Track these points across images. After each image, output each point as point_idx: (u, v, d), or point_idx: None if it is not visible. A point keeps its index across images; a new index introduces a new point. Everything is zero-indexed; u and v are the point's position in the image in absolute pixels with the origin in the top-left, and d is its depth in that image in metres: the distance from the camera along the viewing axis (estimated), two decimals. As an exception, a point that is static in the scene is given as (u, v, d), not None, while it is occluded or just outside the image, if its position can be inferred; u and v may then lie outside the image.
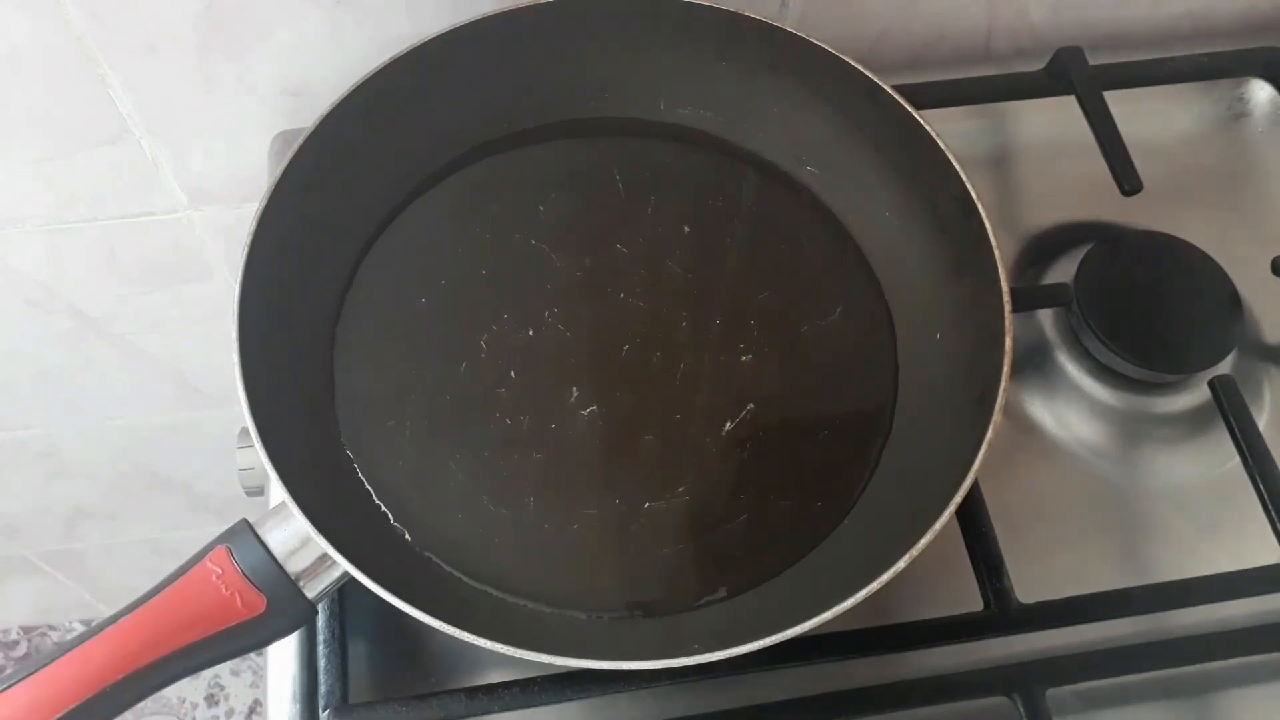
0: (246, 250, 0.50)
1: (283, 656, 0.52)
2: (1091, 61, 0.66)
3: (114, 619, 0.43)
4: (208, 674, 1.47)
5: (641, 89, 0.61)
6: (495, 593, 0.50)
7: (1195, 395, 0.60)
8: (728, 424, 0.54)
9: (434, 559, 0.51)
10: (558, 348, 0.55)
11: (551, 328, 0.56)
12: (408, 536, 0.51)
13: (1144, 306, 0.60)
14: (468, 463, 0.53)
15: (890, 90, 0.56)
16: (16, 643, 1.48)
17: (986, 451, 0.47)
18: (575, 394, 0.54)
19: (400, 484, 0.52)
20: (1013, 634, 0.52)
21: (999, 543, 0.53)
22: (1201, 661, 0.53)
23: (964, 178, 0.54)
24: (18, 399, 0.90)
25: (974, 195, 0.53)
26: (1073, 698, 0.52)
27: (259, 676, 1.48)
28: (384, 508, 0.51)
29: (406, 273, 0.57)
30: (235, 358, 0.48)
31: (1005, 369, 0.49)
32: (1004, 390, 0.48)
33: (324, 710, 0.50)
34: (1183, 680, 0.53)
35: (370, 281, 0.56)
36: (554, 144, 0.61)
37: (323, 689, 0.50)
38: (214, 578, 0.44)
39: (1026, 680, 0.51)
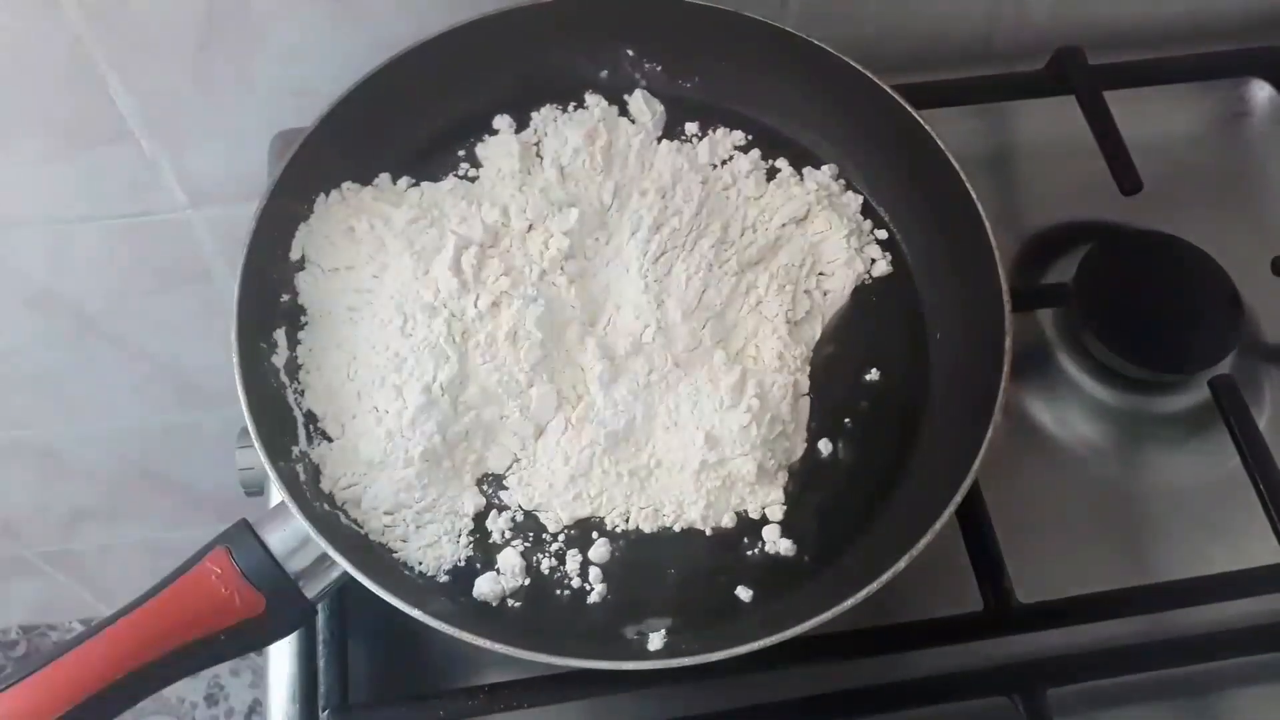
0: (246, 250, 0.50)
1: (283, 656, 0.52)
2: (1091, 61, 0.66)
3: (114, 619, 0.43)
4: (208, 674, 1.47)
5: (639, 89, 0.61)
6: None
7: (1195, 395, 0.60)
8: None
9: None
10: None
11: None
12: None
13: (1144, 306, 0.60)
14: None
15: (890, 90, 0.56)
16: (16, 643, 1.48)
17: (986, 451, 0.47)
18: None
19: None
20: (1013, 634, 0.52)
21: (999, 543, 0.53)
22: (1201, 661, 0.53)
23: (964, 178, 0.53)
24: (18, 399, 0.90)
25: (974, 195, 0.53)
26: (1073, 698, 0.52)
27: (259, 676, 1.47)
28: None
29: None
30: (235, 358, 0.48)
31: (1005, 369, 0.49)
32: (1004, 390, 0.48)
33: (323, 710, 0.50)
34: (1183, 680, 0.53)
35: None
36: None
37: (322, 689, 0.50)
38: (213, 578, 0.44)
39: (1027, 680, 0.51)
